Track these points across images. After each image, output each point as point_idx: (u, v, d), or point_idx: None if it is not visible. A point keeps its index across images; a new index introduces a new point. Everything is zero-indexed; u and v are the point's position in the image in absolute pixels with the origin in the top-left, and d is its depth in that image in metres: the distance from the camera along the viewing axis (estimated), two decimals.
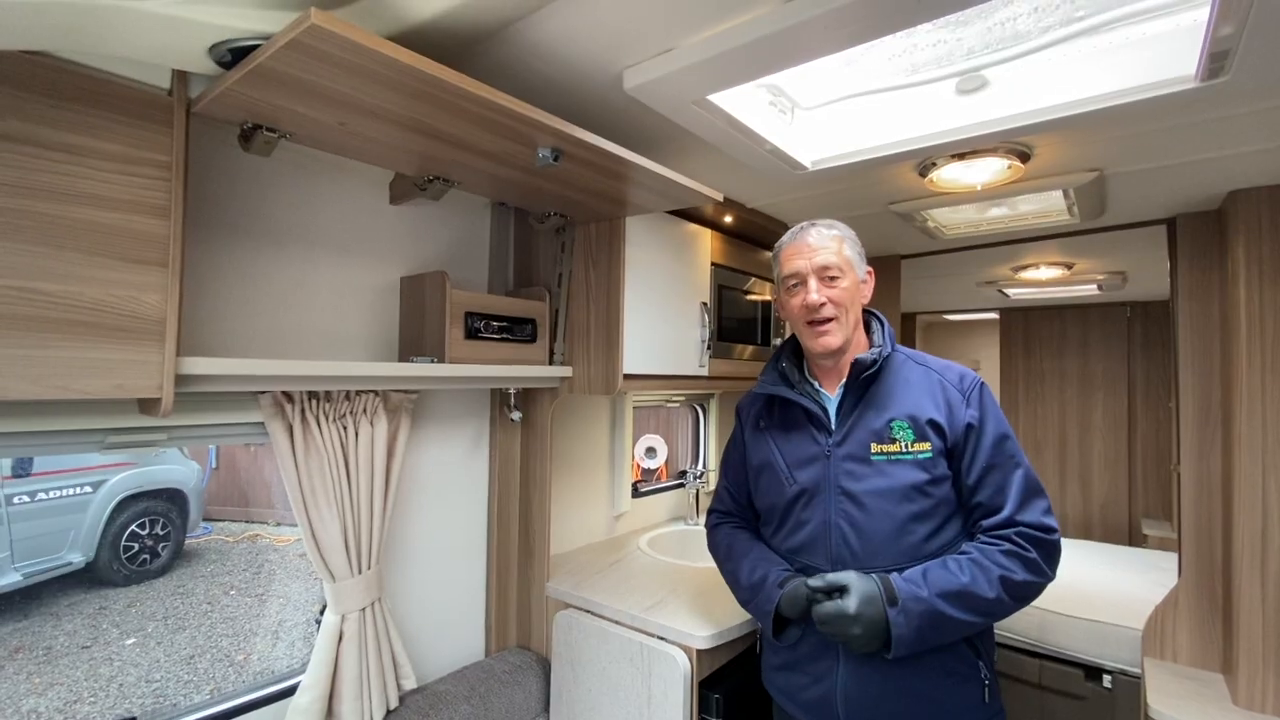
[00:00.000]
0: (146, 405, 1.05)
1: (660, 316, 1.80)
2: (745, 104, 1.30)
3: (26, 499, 4.27)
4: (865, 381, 1.23)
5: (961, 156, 1.46)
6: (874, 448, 1.19)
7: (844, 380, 1.25)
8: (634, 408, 2.39)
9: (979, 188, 1.61)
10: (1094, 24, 1.13)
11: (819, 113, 1.48)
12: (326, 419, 1.35)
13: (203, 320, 1.24)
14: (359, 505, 1.40)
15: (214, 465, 5.97)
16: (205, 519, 5.59)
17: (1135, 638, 1.87)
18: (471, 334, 1.52)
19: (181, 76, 1.02)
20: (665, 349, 1.82)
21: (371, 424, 1.43)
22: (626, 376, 1.66)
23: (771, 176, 1.58)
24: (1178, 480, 1.78)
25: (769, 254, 2.35)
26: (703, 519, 2.58)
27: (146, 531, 4.80)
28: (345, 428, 1.40)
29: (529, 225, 1.81)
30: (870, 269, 1.29)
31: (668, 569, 1.94)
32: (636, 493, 2.43)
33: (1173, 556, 2.04)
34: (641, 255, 1.73)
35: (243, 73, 0.88)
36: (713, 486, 2.71)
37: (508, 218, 1.88)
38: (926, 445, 1.17)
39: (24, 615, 4.12)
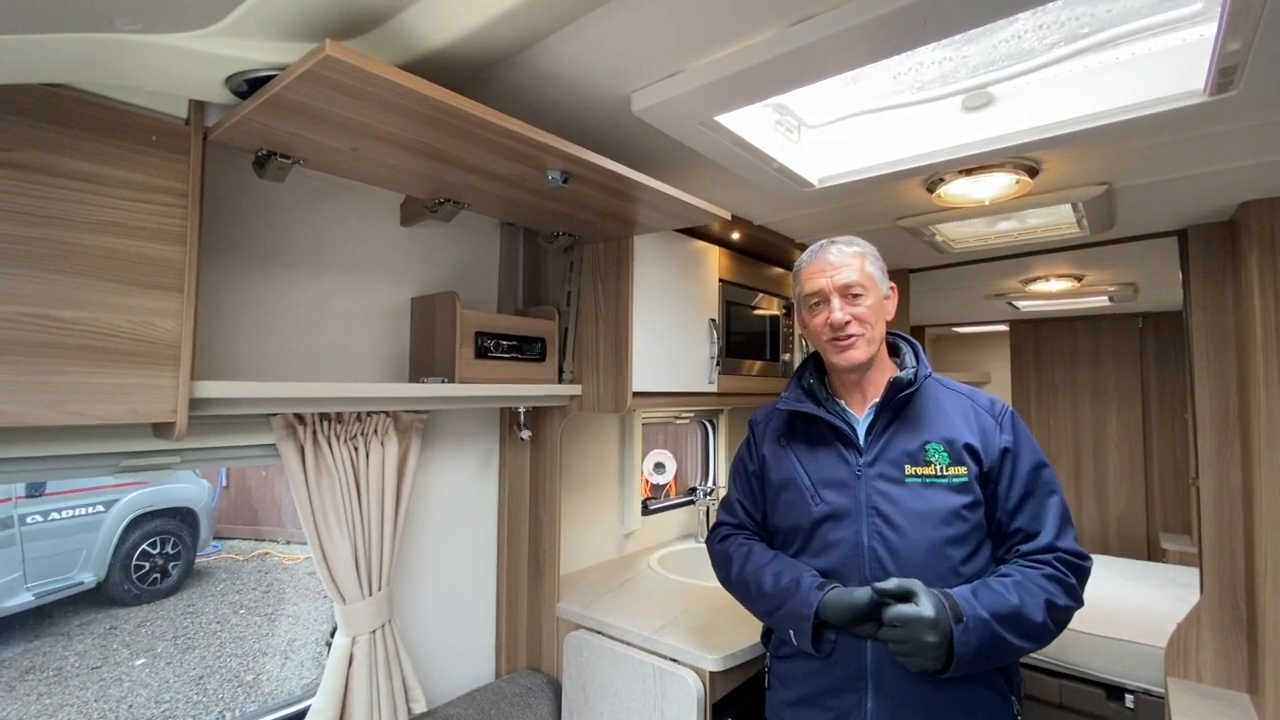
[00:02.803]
0: (160, 429, 1.06)
1: (669, 333, 1.80)
2: (752, 123, 1.31)
3: (40, 519, 4.28)
4: (900, 403, 1.21)
5: (969, 172, 1.46)
6: (908, 469, 1.16)
7: (875, 400, 1.23)
8: (643, 424, 2.38)
9: (987, 202, 1.61)
10: (1099, 40, 1.13)
11: (825, 131, 1.49)
12: (338, 440, 1.36)
13: (216, 343, 1.26)
14: (369, 526, 1.40)
15: (224, 484, 5.99)
16: (216, 537, 5.60)
17: (1158, 656, 1.83)
18: (481, 353, 1.53)
19: (198, 106, 1.04)
20: (674, 366, 1.82)
21: (382, 444, 1.44)
22: (636, 394, 1.66)
23: (779, 194, 1.59)
24: (1197, 494, 1.76)
25: (777, 270, 2.37)
26: None
27: (157, 550, 4.81)
28: (356, 449, 1.40)
29: (538, 245, 1.82)
30: (893, 285, 1.27)
31: (679, 588, 1.92)
32: (646, 510, 2.41)
33: (1195, 572, 2.00)
34: (650, 273, 1.74)
35: (258, 102, 0.90)
36: (716, 499, 2.69)
37: (517, 238, 1.90)
38: (963, 469, 1.15)
39: (36, 635, 4.11)
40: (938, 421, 1.19)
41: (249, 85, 0.93)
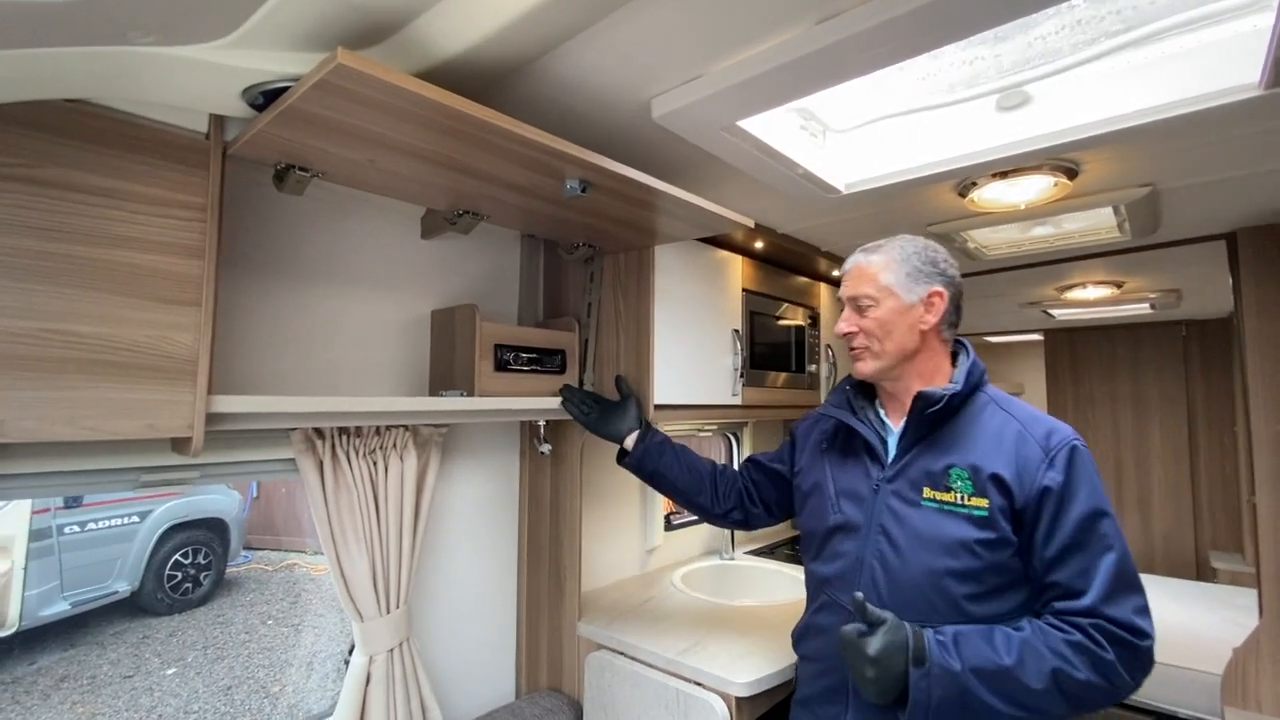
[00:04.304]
0: (179, 444, 1.05)
1: (691, 345, 1.77)
2: (775, 128, 1.27)
3: (77, 529, 4.37)
4: (931, 419, 1.11)
5: (1004, 175, 1.41)
6: (926, 491, 1.09)
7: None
8: None
9: (1023, 207, 1.55)
10: (1145, 34, 1.08)
11: (851, 135, 1.45)
12: (356, 454, 1.35)
13: (234, 358, 1.25)
14: (388, 542, 1.38)
15: (255, 495, 6.07)
16: (245, 547, 5.67)
17: (1213, 684, 1.72)
18: (501, 366, 1.51)
19: (217, 121, 1.04)
20: (697, 378, 1.78)
21: (401, 459, 1.42)
22: (658, 407, 1.63)
23: (804, 201, 1.55)
24: (1253, 512, 1.65)
25: (802, 279, 2.32)
26: (738, 553, 2.51)
27: (189, 560, 4.87)
28: (375, 463, 1.38)
29: (559, 256, 1.80)
30: (937, 290, 1.15)
31: (704, 608, 1.87)
32: (669, 525, 2.36)
33: (1248, 593, 1.89)
34: (671, 283, 1.70)
35: (274, 114, 0.89)
36: None
37: (537, 249, 1.88)
38: (984, 501, 1.04)
39: (71, 644, 4.18)
40: (970, 444, 1.09)
41: (265, 98, 0.93)
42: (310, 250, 1.39)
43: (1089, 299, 2.84)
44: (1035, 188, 1.46)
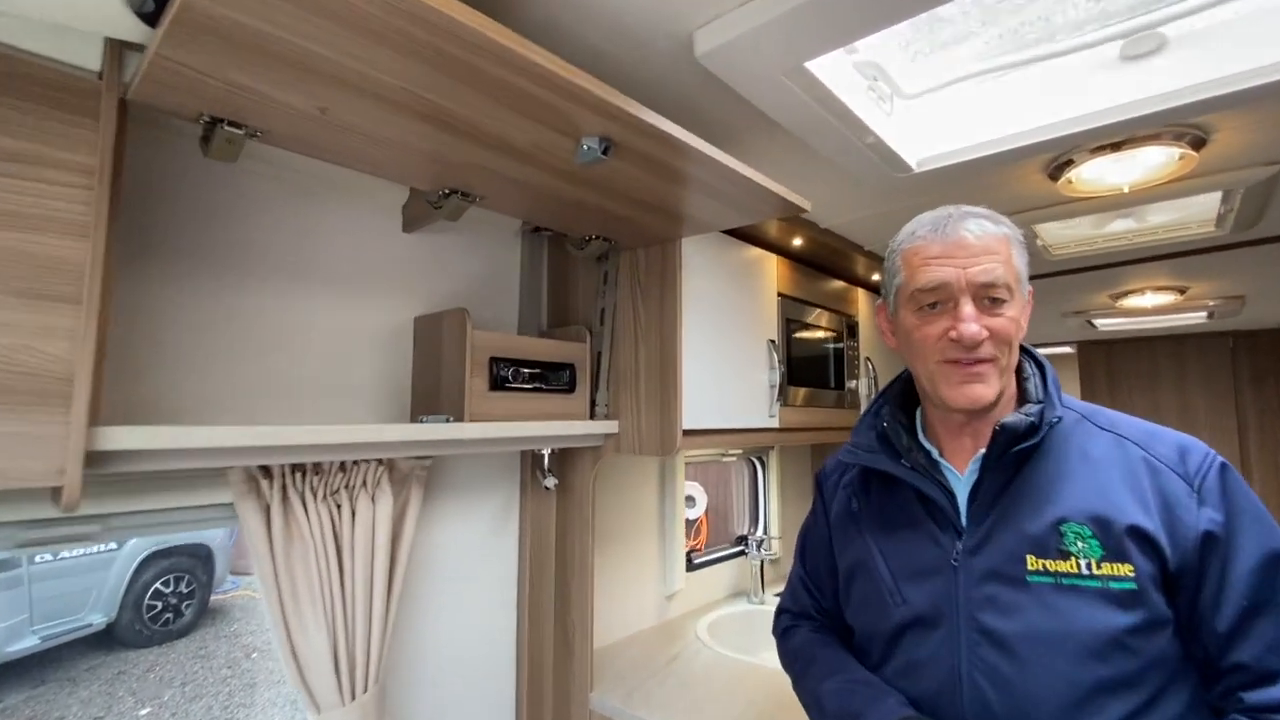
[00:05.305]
0: (55, 492, 0.77)
1: (722, 358, 1.49)
2: (840, 87, 1.01)
3: (49, 558, 4.13)
4: (1017, 457, 0.81)
5: (1116, 146, 1.14)
6: (1030, 562, 0.77)
7: (981, 452, 0.83)
8: (685, 463, 2.05)
9: (1125, 190, 1.29)
10: None
11: (924, 101, 1.19)
12: (314, 496, 1.06)
13: (145, 376, 0.97)
14: (353, 608, 1.09)
15: None
16: (232, 572, 5.40)
17: None
18: (498, 384, 1.23)
19: (113, 54, 0.77)
20: (729, 397, 1.50)
21: (373, 500, 1.14)
22: (687, 432, 1.35)
23: (863, 181, 1.29)
24: None
25: (838, 283, 2.05)
26: (769, 594, 2.20)
27: (170, 589, 4.60)
28: (339, 505, 1.10)
29: (565, 253, 1.53)
30: (1031, 289, 0.88)
31: (739, 671, 1.57)
32: (691, 565, 2.07)
33: None
34: (699, 285, 1.43)
35: (169, 22, 0.62)
36: (777, 556, 2.34)
37: (540, 246, 1.61)
38: (1126, 568, 0.74)
39: (40, 681, 3.90)
40: (1082, 486, 0.79)
41: (156, 3, 0.66)
42: (259, 241, 1.12)
43: (1144, 307, 2.58)
44: (1149, 163, 1.20)
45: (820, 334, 1.91)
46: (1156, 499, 0.76)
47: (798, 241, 1.71)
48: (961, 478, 0.85)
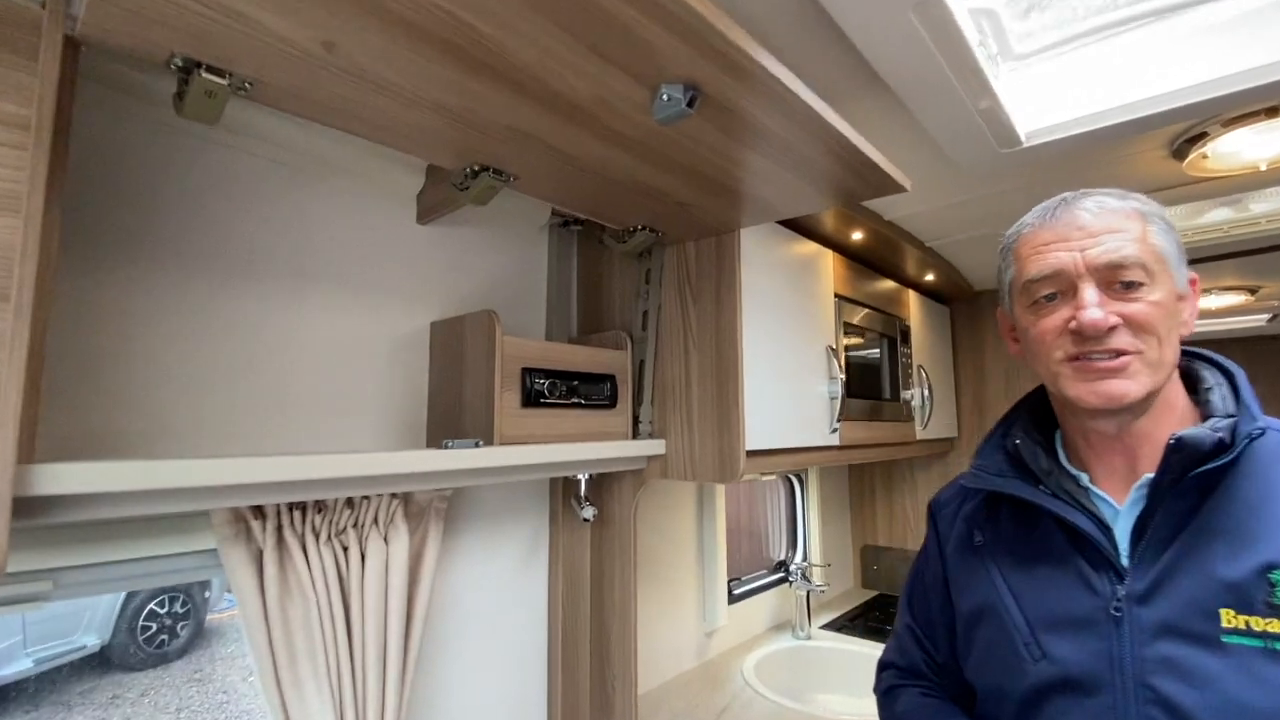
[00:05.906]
0: None
1: (780, 367, 1.30)
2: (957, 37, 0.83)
3: None
4: (1199, 482, 0.65)
5: (1272, 112, 0.96)
6: (1227, 618, 0.61)
7: (1148, 474, 0.68)
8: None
9: (1263, 166, 1.11)
10: None
11: (1035, 64, 1.01)
12: (316, 538, 0.87)
13: (105, 396, 0.78)
14: (364, 674, 0.89)
15: None
16: (229, 590, 5.28)
17: None
18: (532, 399, 1.05)
19: None
20: (790, 411, 1.32)
21: (385, 539, 0.95)
22: (750, 454, 1.16)
23: (957, 159, 1.10)
24: None
25: (890, 284, 1.87)
26: (815, 627, 2.00)
27: (165, 610, 4.54)
28: (345, 547, 0.91)
29: (597, 251, 1.35)
30: (1194, 278, 0.72)
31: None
32: (732, 597, 1.87)
33: None
34: (757, 282, 1.25)
35: None
36: (823, 586, 2.13)
37: (569, 242, 1.43)
38: None
39: (35, 705, 3.86)
40: None
41: None
42: (247, 231, 0.94)
43: (1210, 308, 2.39)
44: None
45: (874, 340, 1.72)
46: None
47: (857, 235, 1.53)
48: (1120, 508, 0.69)
